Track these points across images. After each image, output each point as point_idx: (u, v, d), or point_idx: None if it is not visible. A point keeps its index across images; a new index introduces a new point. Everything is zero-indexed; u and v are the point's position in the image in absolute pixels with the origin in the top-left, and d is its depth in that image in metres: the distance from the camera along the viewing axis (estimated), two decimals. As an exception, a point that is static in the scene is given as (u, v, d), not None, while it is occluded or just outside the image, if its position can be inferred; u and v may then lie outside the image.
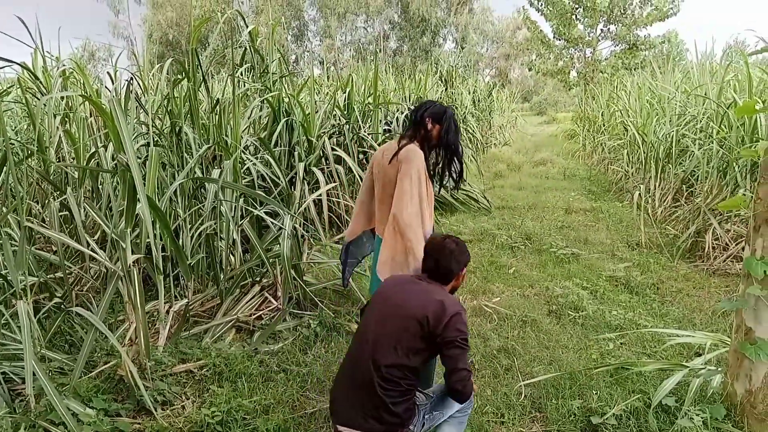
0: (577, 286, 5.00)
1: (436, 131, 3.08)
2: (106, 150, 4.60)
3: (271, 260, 4.28)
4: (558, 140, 18.04)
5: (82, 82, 5.60)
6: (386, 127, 8.07)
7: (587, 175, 11.59)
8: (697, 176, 6.87)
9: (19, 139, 5.06)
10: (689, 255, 5.93)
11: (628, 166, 9.91)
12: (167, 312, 3.67)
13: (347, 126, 7.08)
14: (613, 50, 23.28)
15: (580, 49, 23.57)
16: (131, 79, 4.20)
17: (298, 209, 5.12)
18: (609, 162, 11.65)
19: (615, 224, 7.43)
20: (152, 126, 4.81)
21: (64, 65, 5.60)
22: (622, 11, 21.93)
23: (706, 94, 7.24)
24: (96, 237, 4.66)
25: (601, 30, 23.10)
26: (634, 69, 19.99)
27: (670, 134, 7.85)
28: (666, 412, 2.89)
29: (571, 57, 24.15)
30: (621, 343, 3.90)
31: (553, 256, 5.94)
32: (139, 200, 2.86)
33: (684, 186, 7.43)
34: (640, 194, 7.27)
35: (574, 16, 22.63)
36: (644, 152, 8.71)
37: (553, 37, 23.68)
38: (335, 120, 7.28)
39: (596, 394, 3.12)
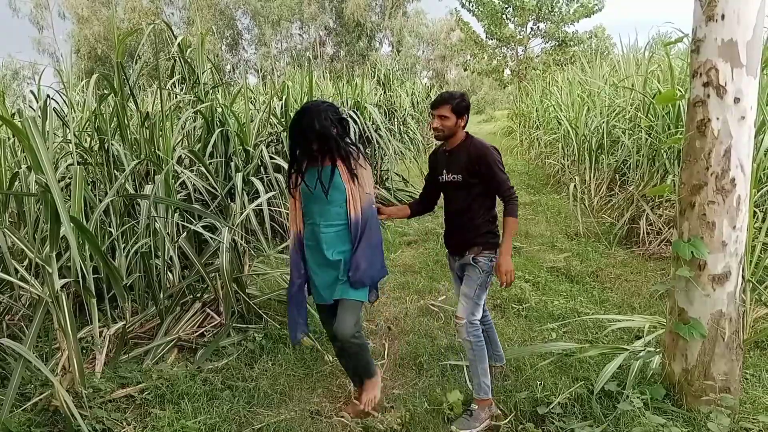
0: (520, 278, 5.08)
1: None
2: (30, 171, 4.40)
3: (211, 275, 4.18)
4: (496, 137, 18.37)
5: (25, 99, 5.34)
6: None
7: (525, 170, 11.83)
8: (629, 165, 7.10)
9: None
10: (626, 241, 6.13)
11: (563, 159, 10.17)
12: (102, 336, 3.52)
13: (285, 133, 7.00)
14: (544, 47, 23.88)
15: (512, 47, 24.07)
16: (48, 96, 4.02)
17: (238, 221, 5.01)
18: (545, 156, 11.93)
19: (554, 216, 7.61)
20: (78, 143, 4.64)
21: (-20, 85, 5.34)
22: (549, 9, 22.51)
23: (632, 86, 7.50)
24: (25, 263, 4.45)
25: (531, 28, 23.65)
26: (565, 64, 20.56)
27: (601, 126, 8.10)
28: (609, 397, 2.96)
29: (504, 56, 24.64)
30: (564, 332, 3.98)
31: (496, 251, 6.01)
32: (62, 222, 2.73)
33: (617, 175, 7.67)
34: (575, 185, 7.46)
35: (504, 16, 23.08)
36: (578, 145, 8.96)
37: (486, 37, 24.10)
38: (272, 128, 7.19)
39: (541, 384, 3.17)
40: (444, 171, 3.09)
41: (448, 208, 3.17)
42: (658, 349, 3.19)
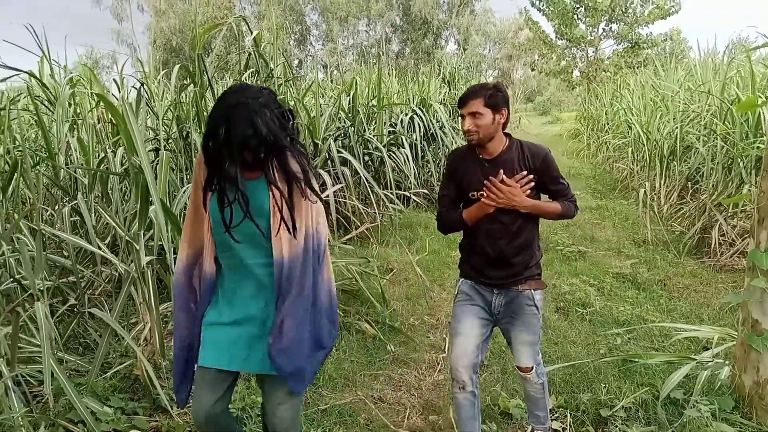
0: (584, 283, 5.03)
1: None
2: (114, 155, 4.67)
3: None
4: (562, 140, 18.05)
5: (102, 86, 5.67)
6: None
7: (592, 174, 11.61)
8: (702, 173, 6.89)
9: (28, 146, 5.13)
10: (696, 251, 5.96)
11: (632, 164, 9.93)
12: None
13: (352, 128, 7.14)
14: (616, 49, 23.28)
15: (583, 48, 23.58)
16: (142, 84, 4.26)
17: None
18: (614, 160, 11.67)
19: (621, 222, 7.46)
20: (162, 130, 4.88)
21: (72, 73, 5.68)
22: (623, 10, 21.93)
23: (709, 91, 7.26)
24: (106, 241, 4.72)
25: (603, 29, 23.11)
26: (637, 67, 20.00)
27: (674, 131, 7.88)
28: (674, 404, 2.92)
29: (573, 56, 24.16)
30: (629, 338, 3.93)
31: (560, 253, 5.97)
32: (152, 202, 2.91)
33: (689, 183, 7.45)
34: (645, 192, 7.29)
35: (575, 16, 22.64)
36: (648, 150, 8.74)
37: (555, 37, 23.70)
38: (340, 123, 7.33)
39: (605, 387, 3.15)
40: (482, 186, 2.36)
41: (490, 232, 2.41)
42: (727, 361, 3.12)
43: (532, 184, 2.34)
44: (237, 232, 1.89)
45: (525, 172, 2.34)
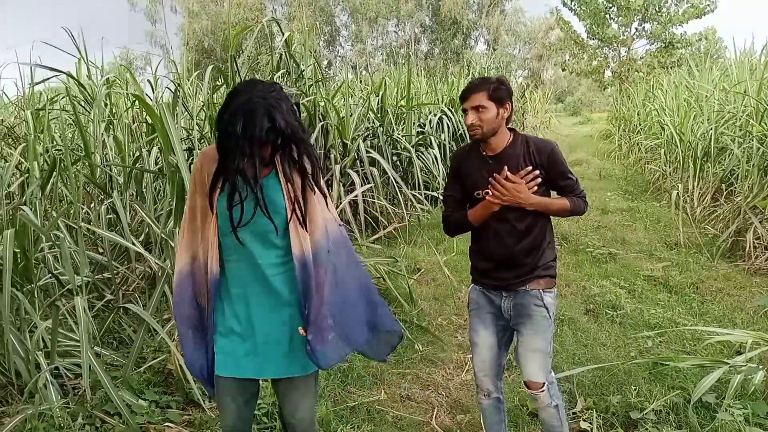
0: (615, 285, 4.99)
1: None
2: (149, 154, 4.78)
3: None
4: (593, 141, 17.84)
5: (132, 88, 5.80)
6: None
7: (623, 175, 11.46)
8: (737, 175, 6.76)
9: (66, 145, 5.28)
10: (729, 255, 5.85)
11: (665, 165, 9.78)
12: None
13: (381, 128, 7.18)
14: (649, 49, 22.91)
15: (615, 48, 23.25)
16: (178, 85, 4.35)
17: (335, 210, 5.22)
18: (645, 162, 11.50)
19: (653, 224, 7.36)
20: (195, 130, 4.98)
21: (108, 74, 5.82)
22: (657, 9, 21.56)
23: (745, 92, 7.12)
24: (140, 239, 4.84)
25: (636, 29, 22.76)
26: (671, 67, 19.66)
27: (709, 132, 7.74)
28: (706, 408, 2.89)
29: (605, 56, 23.84)
30: (660, 341, 3.89)
31: (590, 255, 5.92)
32: (187, 200, 2.98)
33: (723, 185, 7.31)
34: (678, 193, 7.18)
35: (607, 16, 22.34)
36: (682, 151, 8.59)
37: (587, 37, 23.42)
38: (369, 123, 7.38)
39: (635, 390, 3.13)
40: (487, 184, 2.26)
41: (497, 232, 2.30)
42: (761, 365, 3.07)
43: (539, 180, 2.24)
44: (247, 231, 1.86)
45: (530, 168, 2.23)
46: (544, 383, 2.30)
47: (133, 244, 3.93)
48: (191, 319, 1.96)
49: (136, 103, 4.96)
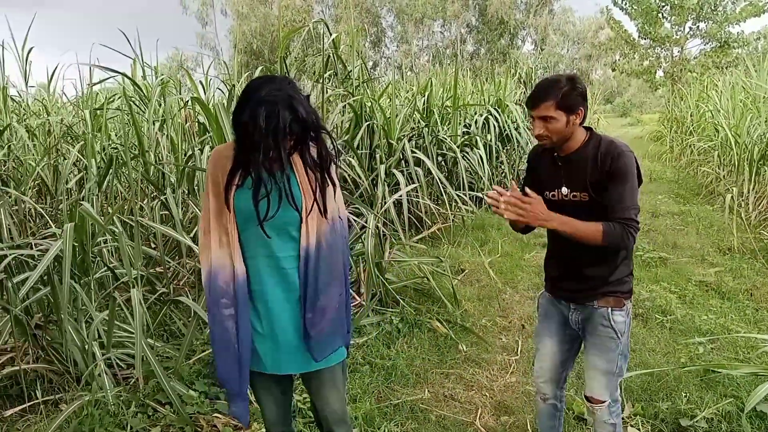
0: (665, 290, 4.87)
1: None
2: (201, 152, 4.90)
3: (354, 258, 4.43)
4: (643, 142, 17.42)
5: (188, 88, 5.96)
6: None
7: (675, 178, 11.16)
8: (796, 178, 6.51)
9: (122, 144, 5.47)
10: (787, 261, 5.64)
11: (718, 168, 9.48)
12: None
13: (426, 129, 7.18)
14: (703, 48, 22.22)
15: (667, 48, 22.64)
16: (233, 86, 4.46)
17: (381, 209, 5.24)
18: (698, 164, 11.17)
19: (705, 228, 7.15)
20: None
21: (162, 75, 6.00)
22: (712, 8, 20.89)
23: (806, 92, 6.85)
24: (191, 234, 4.97)
25: (690, 28, 22.10)
26: (726, 68, 19.01)
27: (766, 135, 7.47)
28: (760, 418, 2.80)
29: (657, 56, 23.24)
30: (711, 348, 3.78)
31: (640, 259, 5.79)
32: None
33: (781, 189, 7.05)
34: (732, 197, 6.95)
35: (660, 15, 21.77)
36: (737, 154, 8.31)
37: (638, 37, 22.88)
38: (414, 123, 7.39)
39: (686, 396, 3.05)
40: (557, 186, 2.16)
41: (562, 239, 2.11)
42: (821, 376, 2.96)
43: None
44: (270, 225, 1.84)
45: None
46: (605, 401, 2.20)
47: (185, 238, 4.05)
48: (227, 333, 1.89)
49: (189, 103, 5.09)
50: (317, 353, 1.92)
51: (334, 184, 1.95)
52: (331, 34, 5.98)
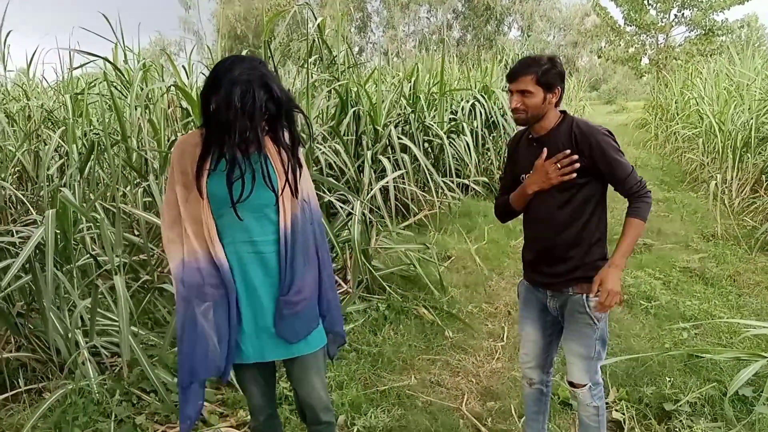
0: (650, 276, 4.91)
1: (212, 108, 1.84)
2: (185, 139, 4.84)
3: (340, 245, 4.41)
4: (628, 129, 17.48)
5: (169, 74, 5.88)
6: None
7: (659, 165, 11.23)
8: (779, 165, 6.57)
9: (103, 129, 5.39)
10: (769, 247, 5.71)
11: (703, 155, 9.55)
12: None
13: (413, 115, 7.15)
14: (688, 36, 22.32)
15: (653, 35, 22.71)
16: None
17: (367, 196, 5.22)
18: (683, 151, 11.24)
19: (689, 215, 7.21)
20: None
21: (144, 59, 5.90)
22: (698, -5, 20.99)
23: (789, 79, 6.91)
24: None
25: (675, 15, 22.17)
26: (711, 55, 19.12)
27: (750, 122, 7.53)
28: (743, 402, 2.84)
29: (642, 43, 23.30)
30: (695, 334, 3.82)
31: (624, 246, 5.82)
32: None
33: (763, 176, 7.12)
34: (716, 184, 7.01)
35: (646, 2, 21.82)
36: (721, 141, 8.37)
37: (624, 23, 22.91)
38: (401, 109, 7.35)
39: (669, 381, 3.09)
40: (530, 167, 2.21)
41: (536, 220, 2.25)
42: (802, 360, 2.99)
43: (576, 165, 2.07)
44: (242, 208, 1.80)
45: (568, 151, 2.08)
46: (586, 384, 2.24)
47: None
48: (210, 338, 1.82)
49: (172, 88, 5.02)
50: (290, 335, 1.89)
51: (300, 166, 1.92)
52: (316, 19, 5.91)
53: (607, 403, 2.95)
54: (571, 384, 2.28)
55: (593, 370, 2.23)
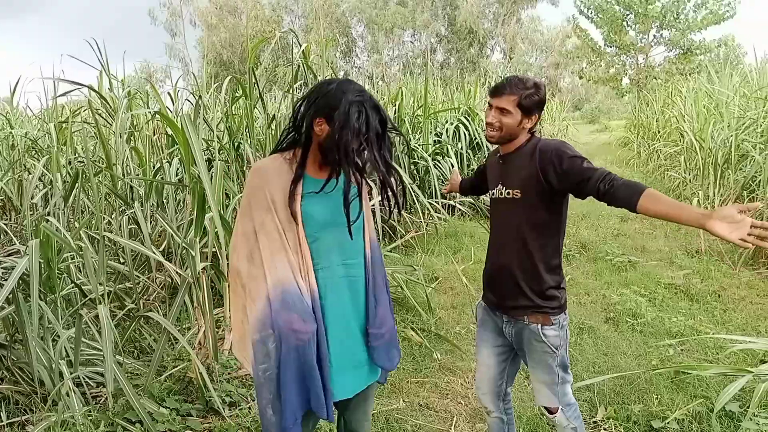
0: (635, 293, 4.94)
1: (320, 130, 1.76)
2: (170, 165, 4.84)
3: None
4: (611, 148, 17.70)
5: (155, 101, 5.89)
6: None
7: (643, 182, 11.35)
8: (759, 181, 6.67)
9: (88, 157, 5.38)
10: (752, 262, 5.77)
11: (685, 172, 9.68)
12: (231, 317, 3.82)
13: (398, 138, 7.20)
14: (667, 56, 22.77)
15: (632, 55, 23.14)
16: (200, 97, 4.42)
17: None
18: (665, 169, 11.39)
19: (673, 231, 7.29)
20: (216, 142, 5.04)
21: (129, 87, 5.91)
22: (675, 16, 21.43)
23: (766, 97, 7.04)
24: (161, 248, 4.90)
25: (654, 36, 22.64)
26: (689, 74, 19.49)
27: (729, 139, 7.65)
28: (730, 417, 2.85)
29: (623, 64, 23.74)
30: (681, 350, 3.84)
31: (609, 263, 5.87)
32: (209, 209, 3.02)
33: (745, 192, 7.21)
34: (698, 201, 7.10)
35: (625, 23, 22.26)
36: (702, 158, 8.49)
37: (604, 45, 23.35)
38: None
39: (657, 398, 3.10)
40: (496, 183, 2.21)
41: (497, 239, 2.24)
42: (787, 374, 3.02)
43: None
44: (343, 229, 1.76)
45: (758, 204, 1.75)
46: (557, 408, 2.21)
47: (154, 253, 3.99)
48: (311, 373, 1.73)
49: (157, 115, 5.03)
50: (386, 362, 1.89)
51: (369, 187, 1.95)
52: (300, 45, 5.97)
53: (595, 422, 2.96)
54: (546, 409, 2.25)
55: (561, 393, 2.21)
